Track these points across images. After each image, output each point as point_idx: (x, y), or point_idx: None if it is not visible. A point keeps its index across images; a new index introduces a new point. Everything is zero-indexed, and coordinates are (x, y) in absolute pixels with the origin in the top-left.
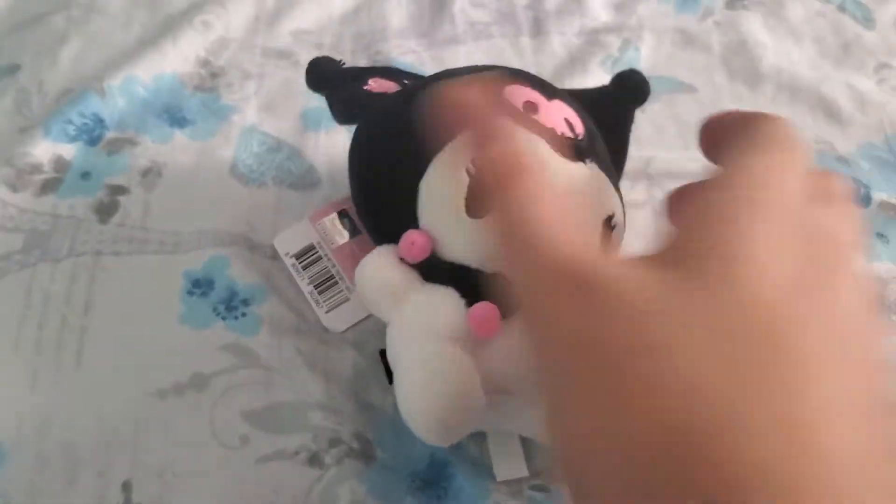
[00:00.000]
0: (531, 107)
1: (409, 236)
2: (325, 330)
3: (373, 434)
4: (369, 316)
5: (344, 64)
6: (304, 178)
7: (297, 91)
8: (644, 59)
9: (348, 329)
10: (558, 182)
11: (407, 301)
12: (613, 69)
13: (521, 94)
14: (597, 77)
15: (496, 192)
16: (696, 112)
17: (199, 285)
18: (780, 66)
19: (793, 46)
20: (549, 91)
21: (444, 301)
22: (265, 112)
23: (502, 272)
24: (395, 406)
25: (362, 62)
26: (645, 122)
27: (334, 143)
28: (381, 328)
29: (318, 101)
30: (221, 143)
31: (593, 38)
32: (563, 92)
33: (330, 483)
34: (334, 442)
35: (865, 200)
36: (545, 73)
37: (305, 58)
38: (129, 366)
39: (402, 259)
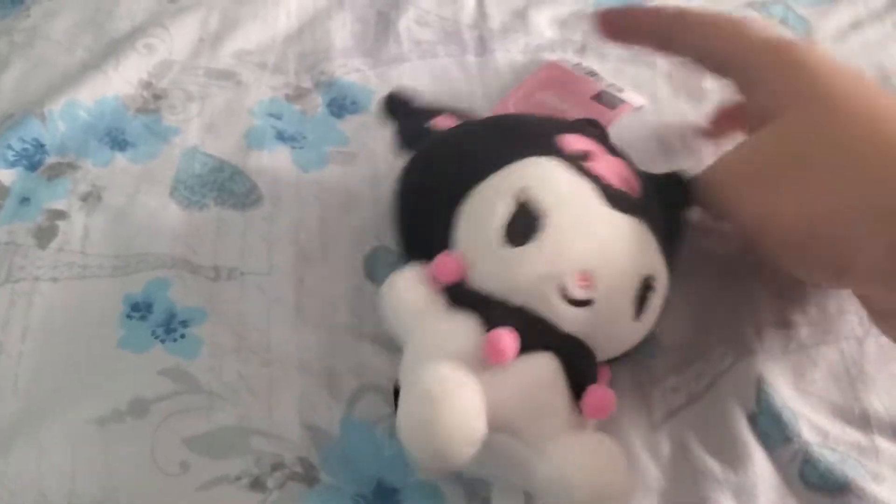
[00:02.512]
0: (586, 154)
1: (442, 258)
2: (269, 351)
3: (318, 457)
4: None
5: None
6: (246, 198)
7: (241, 111)
8: None
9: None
10: (596, 228)
11: (427, 323)
12: None
13: (579, 142)
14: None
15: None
16: (640, 128)
17: (139, 308)
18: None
19: None
20: (611, 148)
21: (462, 325)
22: (207, 133)
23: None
24: (341, 428)
25: (306, 82)
26: None
27: (277, 161)
28: (326, 348)
29: (262, 121)
30: (162, 166)
31: (538, 56)
32: (627, 155)
33: None
34: (277, 465)
35: None
36: (491, 92)
37: (248, 77)
38: (68, 393)
39: (431, 281)
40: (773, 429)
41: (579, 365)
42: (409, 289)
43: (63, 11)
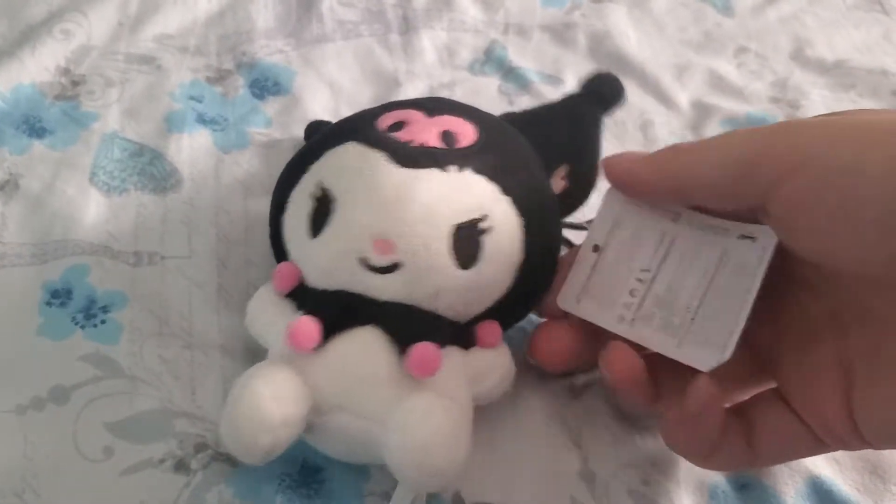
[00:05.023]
0: (397, 125)
1: (276, 268)
2: (191, 335)
3: None
4: None
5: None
6: (166, 182)
7: (161, 95)
8: (512, 53)
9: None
10: (386, 192)
11: (275, 331)
12: (483, 68)
13: (393, 116)
14: (462, 75)
15: None
16: None
17: (58, 295)
18: (644, 55)
19: (656, 36)
20: (435, 110)
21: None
22: (127, 118)
23: None
24: None
25: (227, 64)
26: None
27: (198, 144)
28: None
29: (182, 104)
30: (82, 152)
31: (461, 35)
32: (472, 111)
33: (197, 489)
34: (200, 447)
35: None
36: (416, 71)
37: (169, 61)
38: None
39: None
40: None
41: (401, 329)
42: (262, 305)
43: None
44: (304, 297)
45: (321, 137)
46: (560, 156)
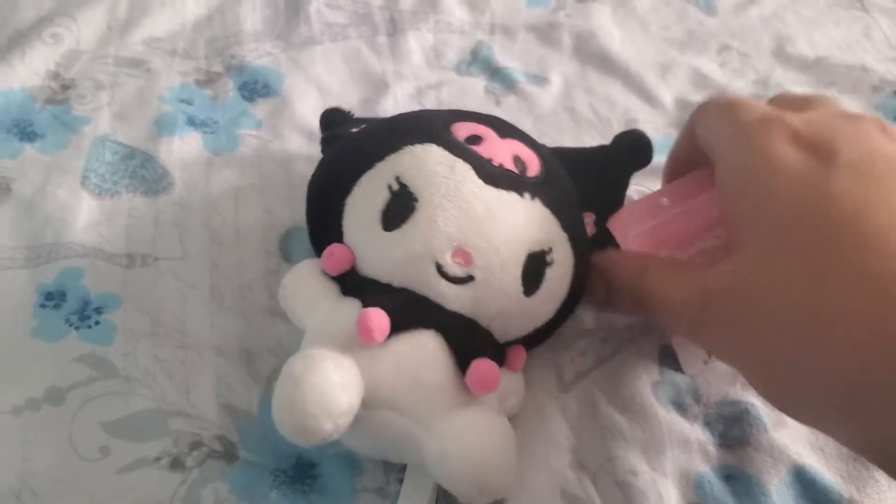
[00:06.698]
0: (474, 139)
1: (329, 249)
2: (184, 335)
3: (237, 436)
4: None
5: (353, 114)
6: (157, 184)
7: (151, 98)
8: (498, 53)
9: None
10: (471, 205)
11: (317, 311)
12: (469, 68)
13: (468, 128)
14: (449, 76)
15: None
16: (549, 103)
17: (52, 298)
18: (629, 54)
19: (640, 35)
20: (505, 131)
21: (345, 311)
22: (118, 121)
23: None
24: (259, 407)
25: (217, 67)
26: (501, 115)
27: (189, 146)
28: (243, 330)
29: (172, 107)
30: (73, 156)
31: (448, 37)
32: (531, 140)
33: (193, 486)
34: (195, 444)
35: None
36: (404, 72)
37: (158, 65)
38: None
39: (325, 272)
40: (674, 394)
41: (463, 341)
42: (304, 281)
43: None
44: (352, 283)
45: (394, 129)
46: (588, 204)
